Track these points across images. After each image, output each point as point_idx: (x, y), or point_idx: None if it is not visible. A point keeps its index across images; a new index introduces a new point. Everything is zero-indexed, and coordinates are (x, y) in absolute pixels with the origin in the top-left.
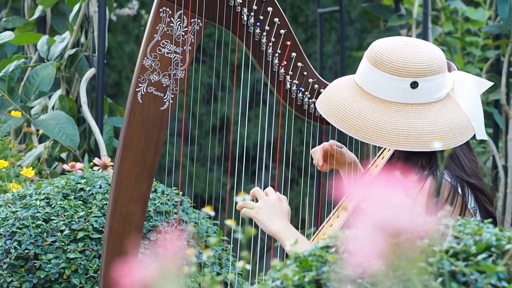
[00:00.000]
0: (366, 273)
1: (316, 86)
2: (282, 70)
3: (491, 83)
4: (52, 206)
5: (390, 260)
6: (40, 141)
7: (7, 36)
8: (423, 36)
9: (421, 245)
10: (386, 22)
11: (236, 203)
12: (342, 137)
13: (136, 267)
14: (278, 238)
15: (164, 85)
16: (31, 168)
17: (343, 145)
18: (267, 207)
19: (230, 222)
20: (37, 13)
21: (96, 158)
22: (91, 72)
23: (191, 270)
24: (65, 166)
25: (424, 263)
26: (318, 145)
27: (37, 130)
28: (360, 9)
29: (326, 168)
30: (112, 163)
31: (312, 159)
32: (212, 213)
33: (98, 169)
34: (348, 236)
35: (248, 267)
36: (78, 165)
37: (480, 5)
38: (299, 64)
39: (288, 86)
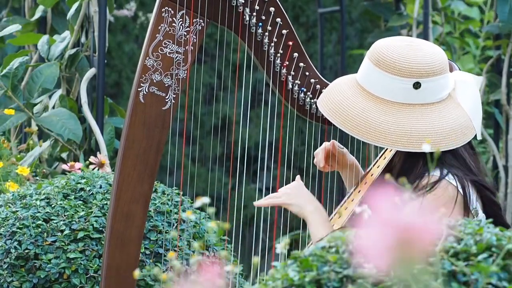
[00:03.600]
0: (374, 270)
1: (318, 86)
2: (284, 70)
3: (482, 77)
4: (52, 206)
5: (398, 258)
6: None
7: (14, 28)
8: (424, 36)
9: (434, 245)
10: (387, 22)
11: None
12: (344, 137)
13: None
14: (309, 220)
15: (166, 85)
16: (26, 166)
17: (344, 147)
18: (294, 191)
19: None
20: (37, 14)
21: (92, 157)
22: (91, 72)
23: None
24: (64, 166)
25: (428, 262)
26: (319, 145)
27: (38, 129)
28: (360, 9)
29: (327, 168)
30: (108, 161)
31: (313, 159)
32: (208, 200)
33: (94, 168)
34: (356, 234)
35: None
36: (77, 165)
37: (473, 5)
38: (301, 64)
39: (290, 86)
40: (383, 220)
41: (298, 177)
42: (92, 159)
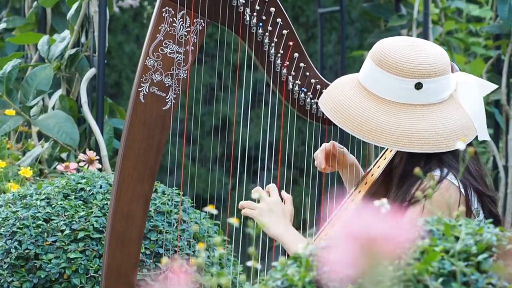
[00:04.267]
0: (340, 280)
1: (318, 86)
2: (284, 71)
3: (495, 86)
4: (53, 206)
5: (362, 267)
6: (39, 141)
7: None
8: (424, 36)
9: (394, 250)
10: (387, 22)
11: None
12: (344, 137)
13: None
14: (280, 241)
15: (167, 85)
16: (29, 168)
17: (344, 147)
18: (268, 209)
19: (233, 221)
20: (34, 9)
21: (81, 154)
22: (91, 72)
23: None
24: (59, 167)
25: (392, 269)
26: (320, 145)
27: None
28: (360, 9)
29: (328, 169)
30: (97, 157)
31: (313, 160)
32: (215, 212)
33: (84, 165)
34: (325, 244)
35: (256, 265)
36: (72, 165)
37: (477, 4)
38: (302, 64)
39: (291, 86)
40: (349, 232)
41: (272, 186)
42: (81, 156)
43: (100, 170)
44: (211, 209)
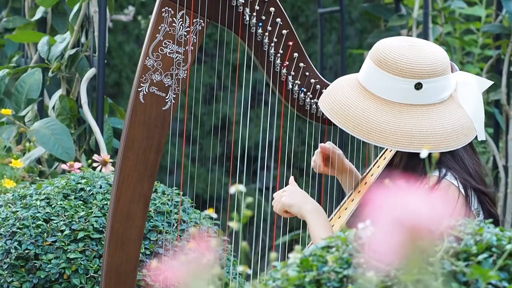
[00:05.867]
0: (387, 268)
1: (318, 86)
2: (284, 71)
3: (491, 82)
4: (53, 206)
5: (410, 255)
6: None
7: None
8: (424, 36)
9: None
10: (387, 22)
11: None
12: (344, 138)
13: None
14: (308, 219)
15: (166, 85)
16: (19, 159)
17: (339, 149)
18: (292, 192)
19: (233, 224)
20: (38, 14)
21: (95, 155)
22: (91, 72)
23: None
24: (64, 166)
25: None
26: (319, 145)
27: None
28: (360, 9)
29: (327, 171)
30: (111, 160)
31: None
32: (214, 215)
33: (97, 166)
34: (366, 231)
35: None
36: (77, 164)
37: (475, 4)
38: (301, 64)
39: (290, 86)
40: (392, 217)
41: (292, 178)
42: (95, 157)
43: (100, 170)
44: (210, 212)
